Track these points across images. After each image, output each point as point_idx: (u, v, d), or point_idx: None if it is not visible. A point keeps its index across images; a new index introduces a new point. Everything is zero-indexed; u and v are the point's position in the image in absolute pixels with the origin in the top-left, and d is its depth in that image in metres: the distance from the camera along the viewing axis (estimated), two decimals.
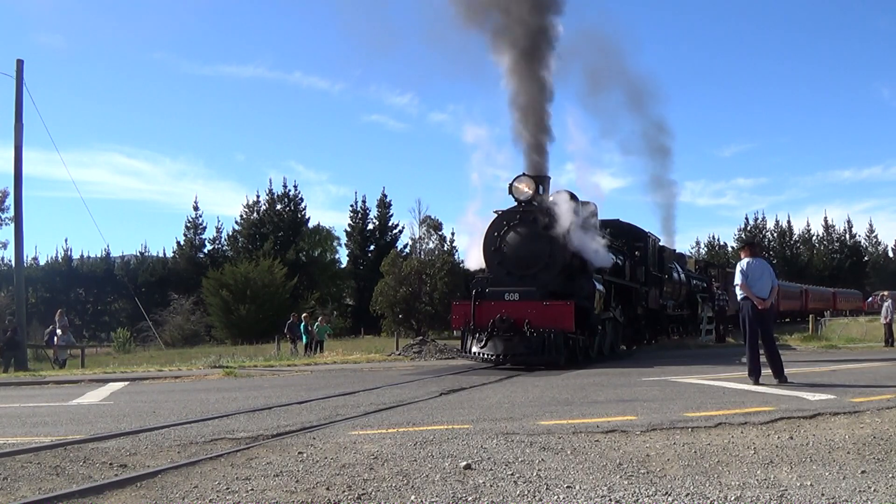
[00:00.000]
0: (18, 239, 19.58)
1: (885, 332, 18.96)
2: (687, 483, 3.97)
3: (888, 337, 18.65)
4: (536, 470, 4.31)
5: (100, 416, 7.22)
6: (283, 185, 54.28)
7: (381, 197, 56.01)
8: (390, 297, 37.28)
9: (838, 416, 5.94)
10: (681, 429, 5.50)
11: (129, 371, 14.53)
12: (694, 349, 18.37)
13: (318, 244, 53.75)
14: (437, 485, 4.04)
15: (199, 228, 56.20)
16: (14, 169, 19.24)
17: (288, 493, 3.91)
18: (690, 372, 10.61)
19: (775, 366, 8.54)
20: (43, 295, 53.82)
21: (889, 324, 18.70)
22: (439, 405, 7.48)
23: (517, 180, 13.37)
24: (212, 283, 43.64)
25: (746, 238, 59.51)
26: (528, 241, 13.20)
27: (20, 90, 19.25)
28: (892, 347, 17.77)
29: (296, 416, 6.71)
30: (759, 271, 8.71)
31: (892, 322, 18.67)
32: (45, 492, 4.01)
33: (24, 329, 19.59)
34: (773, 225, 68.78)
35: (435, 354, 17.20)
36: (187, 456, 4.91)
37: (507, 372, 11.62)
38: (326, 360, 17.07)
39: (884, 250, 75.47)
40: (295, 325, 23.79)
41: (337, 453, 4.90)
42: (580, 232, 13.28)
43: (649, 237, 18.61)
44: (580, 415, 6.44)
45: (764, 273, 8.71)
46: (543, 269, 13.06)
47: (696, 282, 24.85)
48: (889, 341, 18.44)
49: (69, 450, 5.18)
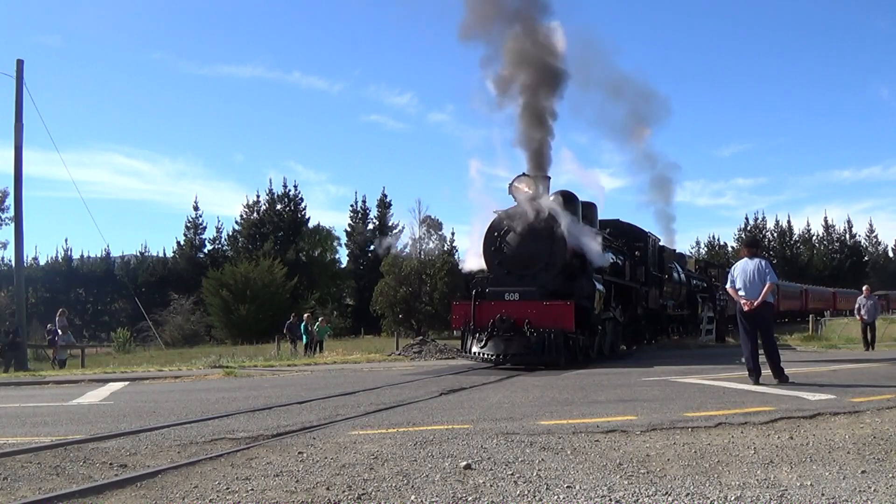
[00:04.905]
0: (18, 239, 19.60)
1: (868, 333, 17.47)
2: (687, 483, 3.97)
3: (872, 339, 17.46)
4: (536, 470, 4.30)
5: (100, 416, 7.22)
6: (283, 185, 54.44)
7: (381, 197, 56.14)
8: (390, 297, 37.30)
9: (838, 416, 5.94)
10: (681, 429, 5.50)
11: (129, 371, 14.54)
12: (694, 349, 18.37)
13: (318, 244, 53.77)
14: (437, 485, 4.03)
15: (199, 228, 56.28)
16: (14, 169, 19.29)
17: (288, 493, 3.90)
18: (690, 372, 10.61)
19: (774, 366, 8.54)
20: (43, 295, 53.84)
21: (872, 323, 17.57)
22: (439, 405, 7.48)
23: (517, 180, 13.36)
24: (212, 283, 43.65)
25: (745, 239, 59.52)
26: (528, 241, 13.20)
27: (20, 90, 19.29)
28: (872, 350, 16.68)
29: (296, 416, 6.70)
30: (745, 273, 8.59)
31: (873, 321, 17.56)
32: (45, 492, 4.01)
33: (24, 329, 19.59)
34: (773, 225, 68.90)
35: (435, 354, 17.22)
36: (187, 456, 4.91)
37: (507, 372, 11.62)
38: (326, 360, 17.08)
39: (884, 250, 75.51)
40: (295, 325, 23.80)
41: (337, 453, 4.90)
42: (580, 232, 13.28)
43: (649, 237, 18.62)
44: (580, 415, 6.44)
45: (756, 274, 8.53)
46: (543, 269, 13.06)
47: (696, 282, 24.87)
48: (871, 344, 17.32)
49: (69, 450, 5.18)
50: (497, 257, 13.44)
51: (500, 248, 13.44)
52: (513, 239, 13.37)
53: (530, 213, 13.11)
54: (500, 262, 13.40)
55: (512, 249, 13.34)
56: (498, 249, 13.45)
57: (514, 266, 13.28)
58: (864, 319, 17.49)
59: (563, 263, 13.09)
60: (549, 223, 13.00)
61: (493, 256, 13.48)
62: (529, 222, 13.16)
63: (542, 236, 13.09)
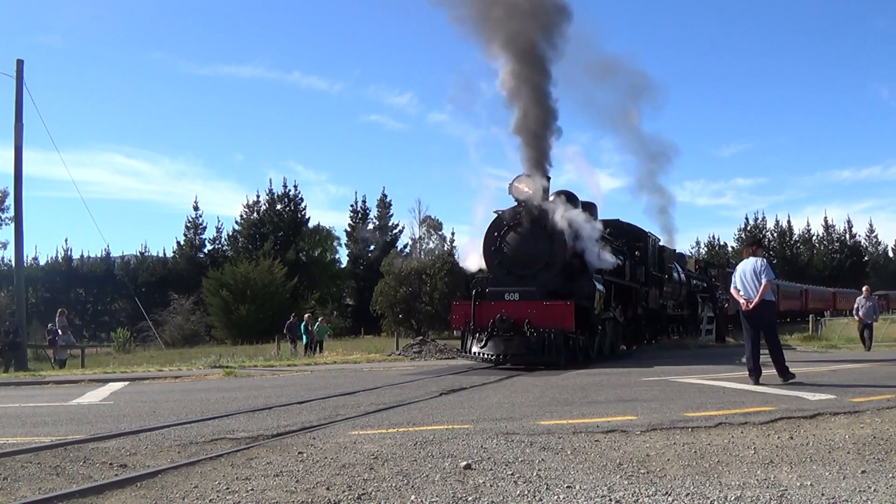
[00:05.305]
0: (18, 239, 19.60)
1: (867, 334, 17.15)
2: (687, 483, 3.97)
3: (869, 339, 17.06)
4: (536, 470, 4.30)
5: (100, 416, 7.21)
6: (283, 185, 54.42)
7: (381, 197, 56.14)
8: (390, 297, 37.26)
9: (838, 416, 5.94)
10: (681, 429, 5.50)
11: (129, 371, 14.54)
12: (694, 349, 18.36)
13: (318, 244, 53.77)
14: (437, 485, 4.03)
15: (199, 228, 56.30)
16: (14, 169, 19.30)
17: (288, 493, 3.90)
18: (690, 372, 10.61)
19: (779, 366, 8.53)
20: (43, 295, 53.85)
21: (871, 325, 17.25)
22: (439, 405, 7.48)
23: (517, 180, 13.36)
24: (212, 283, 43.65)
25: (746, 238, 59.55)
26: (528, 240, 13.20)
27: (20, 90, 19.30)
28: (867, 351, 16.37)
29: (296, 416, 6.70)
30: (744, 272, 8.66)
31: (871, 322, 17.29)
32: (45, 492, 4.01)
33: (24, 329, 19.59)
34: (773, 225, 68.92)
35: (435, 354, 17.22)
36: (187, 456, 4.91)
37: (507, 372, 11.62)
38: (326, 360, 17.08)
39: (884, 250, 75.58)
40: (295, 325, 23.81)
41: (337, 453, 4.90)
42: (580, 232, 13.28)
43: (649, 237, 18.61)
44: (580, 415, 6.44)
45: (753, 273, 8.55)
46: (543, 269, 13.05)
47: (696, 282, 24.86)
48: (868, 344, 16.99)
49: (69, 450, 5.18)
50: (497, 257, 13.43)
51: (500, 248, 13.44)
52: (513, 239, 13.37)
53: (530, 212, 13.11)
54: (500, 262, 13.39)
55: (512, 249, 13.34)
56: (498, 249, 13.45)
57: (514, 266, 13.28)
58: (862, 320, 17.25)
59: (563, 263, 13.09)
60: (549, 223, 12.99)
61: (493, 256, 13.48)
62: (529, 222, 13.16)
63: (542, 236, 13.09)
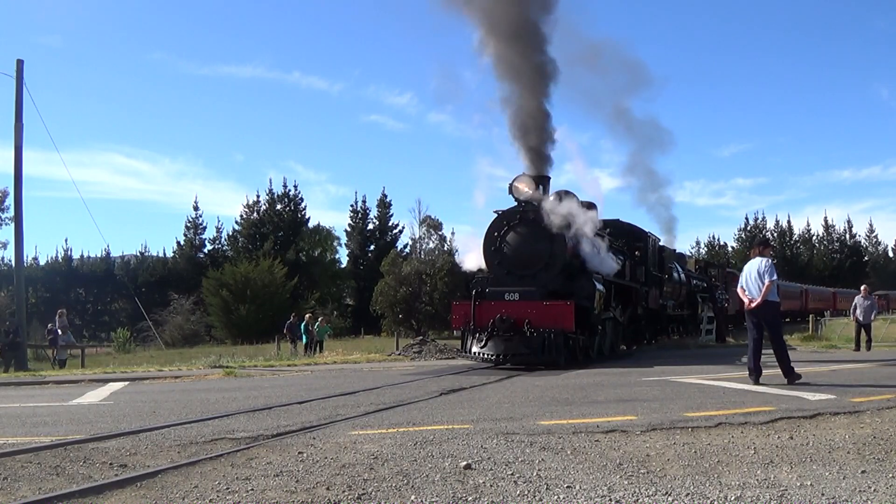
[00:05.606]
0: (18, 239, 19.59)
1: (864, 334, 16.99)
2: (687, 483, 3.97)
3: (867, 339, 16.89)
4: (536, 470, 4.30)
5: (100, 416, 7.21)
6: (283, 185, 54.47)
7: (381, 197, 56.17)
8: (390, 297, 37.29)
9: (838, 416, 5.94)
10: (681, 429, 5.50)
11: (129, 371, 14.53)
12: (694, 349, 18.35)
13: (318, 244, 53.79)
14: (437, 485, 4.03)
15: (199, 228, 56.34)
16: (14, 169, 19.29)
17: (288, 493, 3.90)
18: (690, 372, 10.61)
19: (784, 366, 8.52)
20: (43, 295, 53.87)
21: (869, 325, 17.10)
22: (439, 405, 7.48)
23: (517, 180, 13.36)
24: (212, 283, 43.66)
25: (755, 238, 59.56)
26: (529, 240, 13.19)
27: (20, 90, 19.29)
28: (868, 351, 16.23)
29: (296, 416, 6.70)
30: (749, 272, 8.76)
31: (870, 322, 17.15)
32: (45, 492, 4.01)
33: (24, 329, 19.59)
34: (773, 225, 69.00)
35: (435, 354, 17.21)
36: (187, 456, 4.91)
37: (507, 372, 11.62)
38: (326, 360, 17.07)
39: (884, 250, 75.64)
40: (295, 325, 23.80)
41: (337, 453, 4.90)
42: (580, 232, 13.27)
43: (649, 237, 18.60)
44: (580, 415, 6.44)
45: (756, 273, 8.62)
46: (543, 269, 13.05)
47: (696, 282, 24.84)
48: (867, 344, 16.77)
49: (69, 450, 5.18)
50: (497, 257, 13.43)
51: (500, 248, 13.43)
52: (513, 239, 13.36)
53: (530, 213, 13.10)
54: (500, 262, 13.39)
55: (512, 249, 13.33)
56: (498, 249, 13.44)
57: (514, 266, 13.27)
58: (860, 320, 17.08)
59: (563, 263, 13.08)
60: (549, 223, 12.98)
61: (493, 256, 13.47)
62: (529, 222, 13.16)
63: (542, 236, 13.08)
